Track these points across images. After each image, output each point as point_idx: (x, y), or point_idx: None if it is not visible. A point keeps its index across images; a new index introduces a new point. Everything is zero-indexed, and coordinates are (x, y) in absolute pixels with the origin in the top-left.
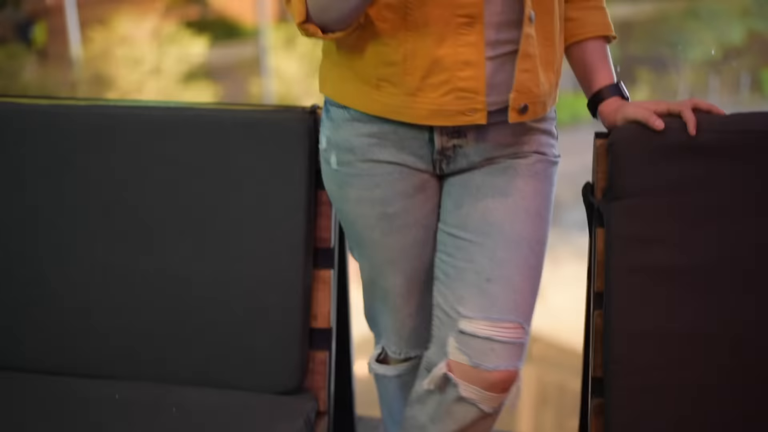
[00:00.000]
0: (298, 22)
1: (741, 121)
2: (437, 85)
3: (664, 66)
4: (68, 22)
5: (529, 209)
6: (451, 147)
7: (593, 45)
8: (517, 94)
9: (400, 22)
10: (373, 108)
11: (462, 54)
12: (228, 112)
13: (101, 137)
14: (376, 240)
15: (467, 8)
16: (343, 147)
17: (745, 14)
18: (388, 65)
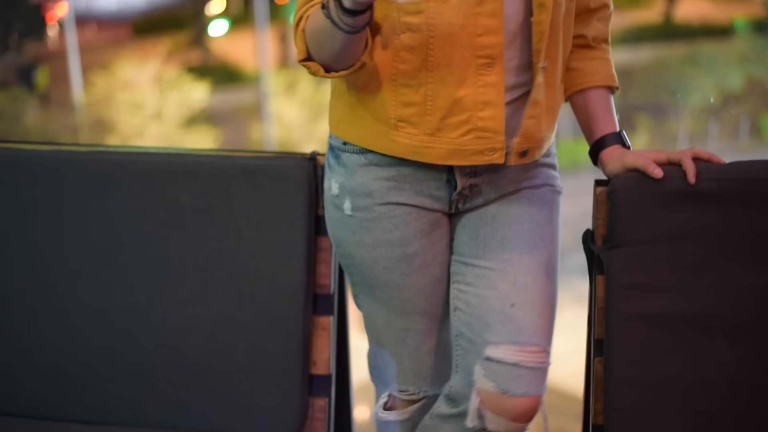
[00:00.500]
0: (299, 59)
1: (740, 169)
2: (457, 125)
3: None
4: (70, 67)
5: (544, 236)
6: (468, 186)
7: (596, 94)
8: (522, 138)
9: (421, 63)
10: (393, 149)
11: (482, 94)
12: (228, 158)
13: (102, 183)
14: (397, 282)
15: (488, 50)
16: (359, 192)
17: (744, 61)
18: (408, 106)
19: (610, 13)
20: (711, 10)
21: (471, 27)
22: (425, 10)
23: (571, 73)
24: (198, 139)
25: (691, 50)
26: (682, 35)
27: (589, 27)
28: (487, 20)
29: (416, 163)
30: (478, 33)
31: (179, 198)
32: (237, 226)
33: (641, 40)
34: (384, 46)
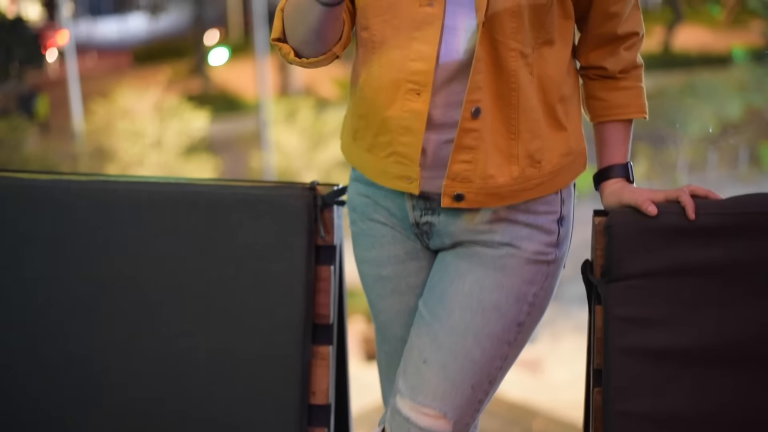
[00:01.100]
0: (272, 38)
1: (737, 204)
2: (384, 145)
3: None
4: (71, 95)
5: (484, 301)
6: (425, 223)
7: (614, 126)
8: (451, 182)
9: (366, 77)
10: (351, 158)
11: (405, 119)
12: (228, 188)
13: (101, 212)
14: (374, 301)
15: (417, 75)
16: (350, 206)
17: (742, 90)
18: (360, 118)
19: (640, 38)
20: (710, 39)
21: (406, 50)
22: (370, 26)
23: (597, 103)
24: (198, 168)
25: (690, 79)
26: (681, 64)
27: (615, 57)
28: (422, 46)
29: (384, 188)
30: (411, 57)
31: (179, 227)
32: (236, 256)
33: None
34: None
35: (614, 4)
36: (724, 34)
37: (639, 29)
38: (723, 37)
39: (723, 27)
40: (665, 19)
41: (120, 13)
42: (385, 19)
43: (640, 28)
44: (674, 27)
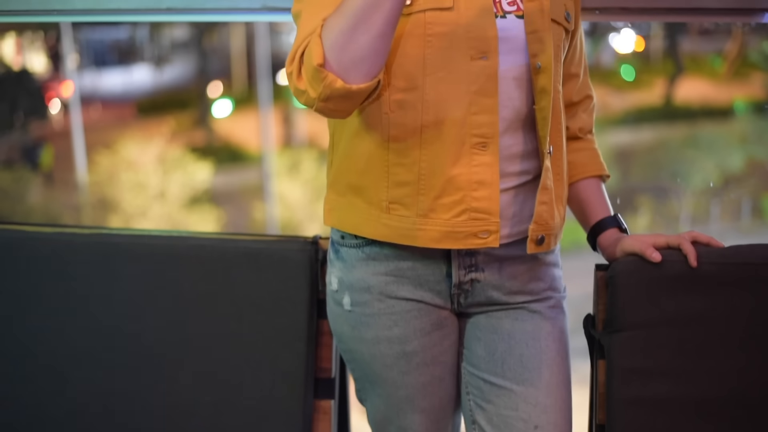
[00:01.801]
0: (317, 63)
1: (740, 253)
2: (450, 206)
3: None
4: (75, 146)
5: (560, 351)
6: (468, 281)
7: (587, 183)
8: (536, 225)
9: (415, 141)
10: (383, 233)
11: (477, 174)
12: (230, 241)
13: (105, 265)
14: (395, 379)
15: (483, 128)
16: (357, 287)
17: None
18: (401, 186)
19: (594, 104)
20: (711, 91)
21: (466, 105)
22: (420, 86)
23: None
24: (201, 219)
25: (692, 131)
26: (682, 116)
27: (575, 119)
28: (482, 99)
29: (414, 256)
30: (473, 111)
31: (181, 281)
32: (239, 309)
33: (642, 122)
34: (374, 126)
35: (575, 66)
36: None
37: (591, 93)
38: (724, 89)
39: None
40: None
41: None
42: (439, 76)
43: (592, 93)
44: (676, 79)
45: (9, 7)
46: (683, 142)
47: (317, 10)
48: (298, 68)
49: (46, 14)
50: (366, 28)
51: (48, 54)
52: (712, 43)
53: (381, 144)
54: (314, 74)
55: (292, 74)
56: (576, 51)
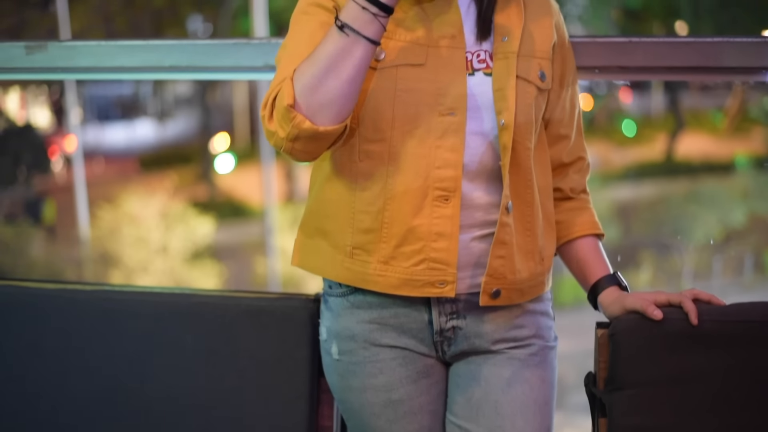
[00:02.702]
0: (288, 103)
1: (741, 311)
2: (410, 254)
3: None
4: (77, 201)
5: (538, 399)
6: (450, 329)
7: (583, 242)
8: (490, 278)
9: (381, 190)
10: (345, 276)
11: (437, 225)
12: (232, 299)
13: (106, 322)
14: (383, 428)
15: (445, 182)
16: (344, 336)
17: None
18: (365, 232)
19: (586, 164)
20: (712, 147)
21: (431, 158)
22: (387, 138)
23: (557, 226)
24: (202, 274)
25: (694, 187)
26: (684, 172)
27: (566, 179)
28: (447, 154)
29: (396, 304)
30: (436, 165)
31: (183, 338)
32: (240, 366)
33: (643, 177)
34: (343, 173)
35: (564, 127)
36: (726, 141)
37: (584, 154)
38: (725, 144)
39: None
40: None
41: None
42: (407, 130)
43: (585, 154)
44: (677, 135)
45: (14, 64)
46: (685, 197)
47: (294, 59)
48: (270, 111)
49: (50, 72)
50: (336, 73)
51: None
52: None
53: (348, 191)
54: (284, 114)
55: (264, 117)
56: (565, 112)
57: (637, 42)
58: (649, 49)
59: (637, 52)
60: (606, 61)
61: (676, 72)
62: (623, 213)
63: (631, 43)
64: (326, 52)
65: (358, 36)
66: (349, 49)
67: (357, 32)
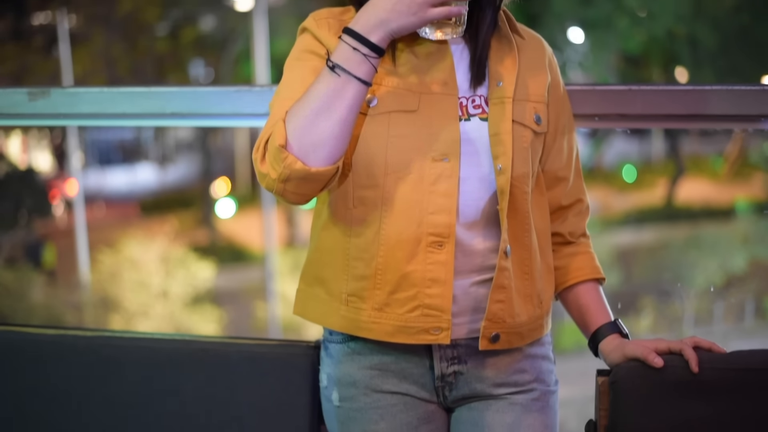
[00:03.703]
0: (279, 143)
1: (741, 359)
2: (404, 301)
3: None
4: (78, 245)
5: None
6: (451, 374)
7: (584, 287)
8: (489, 323)
9: (373, 236)
10: (341, 324)
11: (431, 271)
12: (233, 345)
13: (107, 368)
14: None
15: (438, 228)
16: (344, 382)
17: (746, 242)
18: (359, 279)
19: (586, 207)
20: (712, 192)
21: (424, 204)
22: (381, 185)
23: (556, 272)
24: (203, 319)
25: (694, 232)
26: (684, 217)
27: (565, 223)
28: (440, 199)
29: (396, 350)
30: (430, 211)
31: (183, 384)
32: (241, 413)
33: (644, 222)
34: (338, 220)
35: (562, 170)
36: (726, 187)
37: (583, 197)
38: (726, 190)
39: (725, 180)
40: (668, 173)
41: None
42: (400, 176)
43: (585, 197)
44: (677, 180)
45: (17, 110)
46: (685, 243)
47: (287, 102)
48: (263, 154)
49: (52, 118)
50: (328, 114)
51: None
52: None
53: (343, 238)
54: (276, 155)
55: (257, 159)
56: (562, 154)
57: (637, 90)
58: (648, 97)
59: (637, 100)
60: (606, 109)
61: (676, 120)
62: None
63: (630, 91)
64: (318, 92)
65: (349, 76)
66: (341, 89)
67: (348, 72)
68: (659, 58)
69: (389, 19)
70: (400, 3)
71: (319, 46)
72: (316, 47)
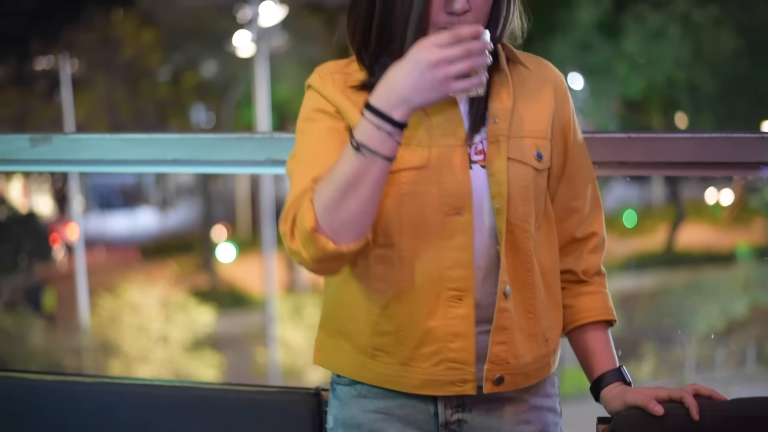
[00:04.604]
0: (309, 228)
1: (742, 407)
2: (428, 356)
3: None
4: (78, 289)
5: None
6: (455, 421)
7: (592, 329)
8: (492, 365)
9: (395, 294)
10: (369, 377)
11: (452, 326)
12: (232, 392)
13: (106, 414)
14: None
15: (457, 282)
16: (349, 424)
17: (747, 287)
18: (383, 335)
19: (601, 241)
20: (713, 237)
21: (441, 260)
22: (397, 243)
23: (565, 311)
24: (202, 364)
25: (695, 277)
26: (685, 262)
27: (579, 260)
28: (457, 254)
29: (402, 395)
30: (447, 266)
31: (183, 431)
32: None
33: (645, 267)
34: (359, 276)
35: (574, 200)
36: (727, 232)
37: (599, 230)
38: (726, 235)
39: (726, 225)
40: (669, 218)
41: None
42: (415, 233)
43: (600, 230)
44: (678, 225)
45: (18, 156)
46: (686, 288)
47: (307, 170)
48: (291, 229)
49: (54, 164)
50: (355, 194)
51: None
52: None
53: (366, 294)
54: (307, 238)
55: (286, 234)
56: (575, 185)
57: (636, 138)
58: (648, 144)
59: (636, 147)
60: (605, 156)
61: (675, 167)
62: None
63: (630, 138)
64: (344, 173)
65: (374, 155)
66: (367, 169)
67: (373, 152)
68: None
69: (411, 96)
70: (422, 80)
71: (327, 104)
72: (324, 105)
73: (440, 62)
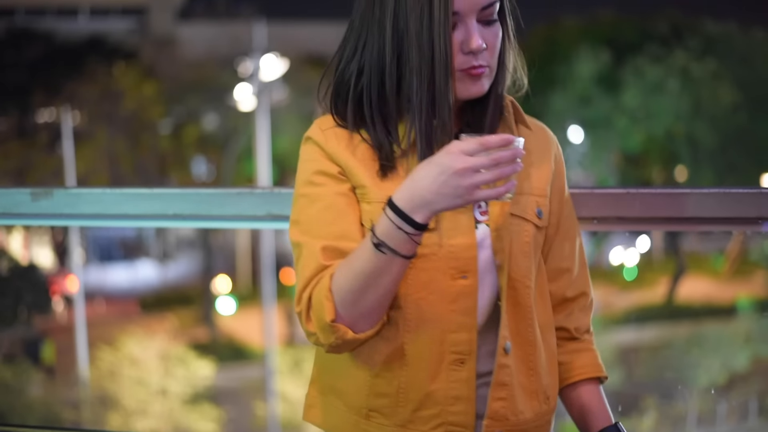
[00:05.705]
0: (329, 320)
1: None
2: (428, 419)
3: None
4: (77, 342)
5: None
6: None
7: (586, 386)
8: (491, 421)
9: (397, 356)
10: None
11: (454, 389)
12: None
13: None
14: None
15: (460, 346)
16: None
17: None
18: (381, 396)
19: (590, 301)
20: (714, 290)
21: (445, 323)
22: (403, 306)
23: (560, 368)
24: (201, 418)
25: (696, 330)
26: (686, 315)
27: (571, 318)
28: (461, 317)
29: None
30: (451, 330)
31: None
32: None
33: (645, 320)
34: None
35: (564, 260)
36: (727, 285)
37: (587, 290)
38: (727, 288)
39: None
40: (669, 271)
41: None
42: (420, 296)
43: (589, 290)
44: (678, 278)
45: (19, 210)
46: (687, 341)
47: (316, 241)
48: (307, 311)
49: (55, 218)
50: (375, 288)
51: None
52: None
53: (364, 354)
54: (326, 327)
55: (301, 315)
56: (565, 245)
57: (635, 193)
58: (646, 200)
59: (635, 203)
60: (604, 212)
61: (675, 223)
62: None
63: (629, 194)
64: (363, 269)
65: (394, 255)
66: (387, 266)
67: (394, 251)
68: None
69: (435, 201)
70: (446, 186)
71: (330, 165)
72: (327, 167)
73: (467, 170)
